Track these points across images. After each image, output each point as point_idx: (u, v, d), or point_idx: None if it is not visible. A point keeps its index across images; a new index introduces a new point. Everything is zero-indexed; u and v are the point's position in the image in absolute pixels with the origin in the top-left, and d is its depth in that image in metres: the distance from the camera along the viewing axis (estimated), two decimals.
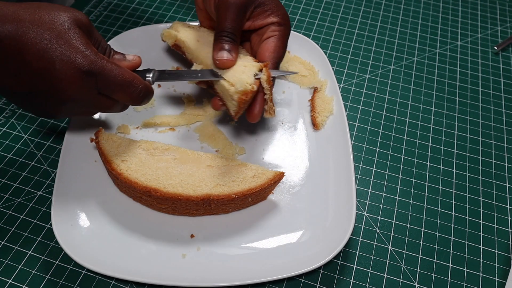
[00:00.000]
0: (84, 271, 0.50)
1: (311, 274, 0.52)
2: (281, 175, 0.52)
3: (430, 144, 0.64)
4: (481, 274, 0.53)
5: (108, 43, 0.51)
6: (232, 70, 0.52)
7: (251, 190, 0.51)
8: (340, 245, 0.49)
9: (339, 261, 0.53)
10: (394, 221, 0.56)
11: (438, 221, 0.57)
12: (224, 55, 0.51)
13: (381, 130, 0.66)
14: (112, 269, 0.47)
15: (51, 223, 0.49)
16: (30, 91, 0.45)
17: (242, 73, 0.51)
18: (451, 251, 0.54)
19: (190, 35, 0.59)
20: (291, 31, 0.69)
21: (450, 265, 0.53)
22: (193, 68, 0.55)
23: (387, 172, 0.61)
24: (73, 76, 0.44)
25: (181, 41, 0.59)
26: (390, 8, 0.84)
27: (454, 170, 0.62)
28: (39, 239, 0.52)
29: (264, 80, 0.51)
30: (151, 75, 0.52)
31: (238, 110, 0.52)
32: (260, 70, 0.52)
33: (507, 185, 0.61)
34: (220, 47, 0.52)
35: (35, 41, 0.43)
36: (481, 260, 0.54)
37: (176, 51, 0.63)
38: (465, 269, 0.53)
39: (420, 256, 0.54)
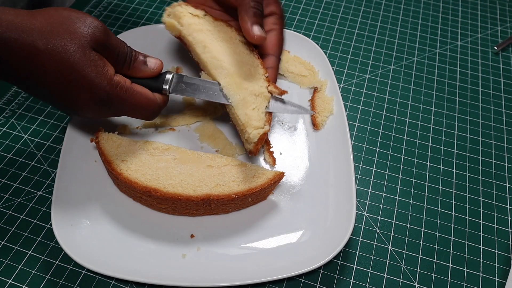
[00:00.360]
0: (84, 271, 0.50)
1: (311, 274, 0.52)
2: (281, 175, 0.52)
3: (430, 144, 0.64)
4: (481, 274, 0.53)
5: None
6: (243, 101, 0.52)
7: (251, 190, 0.51)
8: (340, 245, 0.49)
9: (339, 261, 0.53)
10: (394, 221, 0.56)
11: (438, 221, 0.57)
12: (259, 32, 0.52)
13: (381, 130, 0.66)
14: (112, 269, 0.47)
15: (51, 223, 0.49)
16: (45, 101, 0.48)
17: (252, 110, 0.51)
18: (451, 251, 0.54)
19: (196, 35, 0.56)
20: (291, 31, 0.70)
21: (450, 265, 0.53)
22: (202, 77, 0.55)
23: (387, 172, 0.61)
24: (89, 105, 0.47)
25: (185, 38, 0.57)
26: (390, 8, 0.84)
27: (454, 170, 0.62)
28: (39, 239, 0.52)
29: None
30: (167, 86, 0.52)
31: (255, 150, 0.53)
32: (270, 93, 0.53)
33: (507, 185, 0.61)
34: (253, 21, 0.52)
35: (52, 70, 0.44)
36: (481, 260, 0.54)
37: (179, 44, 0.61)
38: (465, 269, 0.53)
39: (420, 256, 0.54)
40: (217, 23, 0.59)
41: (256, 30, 0.52)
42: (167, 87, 0.52)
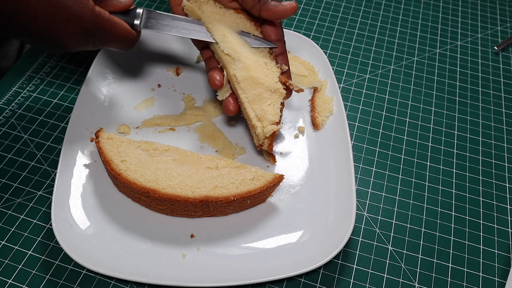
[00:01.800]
0: (84, 271, 0.50)
1: (311, 274, 0.52)
2: (280, 178, 0.52)
3: (430, 144, 0.64)
4: (481, 274, 0.53)
5: None
6: (259, 96, 0.53)
7: (250, 192, 0.50)
8: (340, 245, 0.49)
9: (339, 261, 0.53)
10: (394, 221, 0.56)
11: (438, 221, 0.57)
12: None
13: (381, 130, 0.66)
14: (112, 269, 0.47)
15: (51, 223, 0.50)
16: (31, 38, 0.48)
17: (268, 105, 0.53)
18: (451, 251, 0.54)
19: (216, 23, 0.55)
20: (291, 31, 0.70)
21: (450, 265, 0.53)
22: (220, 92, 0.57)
23: (387, 172, 0.61)
24: (74, 36, 0.47)
25: (205, 25, 0.56)
26: (390, 8, 0.84)
27: (454, 170, 0.62)
28: (39, 239, 0.52)
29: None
30: (138, 22, 0.53)
31: (270, 147, 0.55)
32: (285, 89, 0.54)
33: (507, 185, 0.61)
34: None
35: (35, 4, 0.43)
36: (481, 260, 0.54)
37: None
38: (465, 269, 0.53)
39: (420, 256, 0.54)
40: (238, 16, 0.57)
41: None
42: (138, 22, 0.53)
